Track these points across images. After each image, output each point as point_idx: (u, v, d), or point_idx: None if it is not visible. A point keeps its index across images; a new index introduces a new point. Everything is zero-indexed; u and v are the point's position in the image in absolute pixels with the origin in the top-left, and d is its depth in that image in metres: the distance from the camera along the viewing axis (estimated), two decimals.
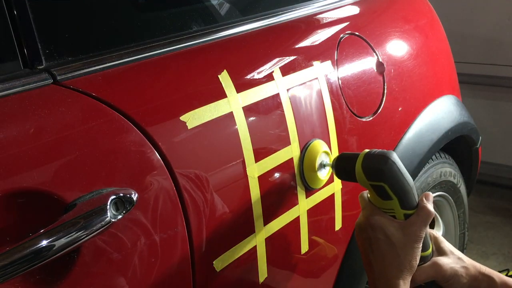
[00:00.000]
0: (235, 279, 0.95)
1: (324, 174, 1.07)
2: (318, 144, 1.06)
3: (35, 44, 0.78)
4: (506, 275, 1.39)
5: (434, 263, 0.92)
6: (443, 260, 0.93)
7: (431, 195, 0.92)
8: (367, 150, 0.93)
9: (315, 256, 1.12)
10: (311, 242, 1.09)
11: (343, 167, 0.97)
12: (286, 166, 1.01)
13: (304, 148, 1.04)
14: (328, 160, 1.07)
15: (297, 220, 1.05)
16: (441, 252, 0.96)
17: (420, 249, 0.89)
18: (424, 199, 0.91)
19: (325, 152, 1.07)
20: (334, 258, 1.18)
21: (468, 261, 0.95)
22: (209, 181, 0.87)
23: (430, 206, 0.90)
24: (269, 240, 0.99)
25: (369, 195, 0.93)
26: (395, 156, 0.90)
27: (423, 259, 0.92)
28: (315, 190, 1.08)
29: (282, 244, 1.03)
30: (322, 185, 1.08)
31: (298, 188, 1.04)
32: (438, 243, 0.97)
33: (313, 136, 1.07)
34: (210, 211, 0.87)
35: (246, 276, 0.97)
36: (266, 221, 0.97)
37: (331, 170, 1.06)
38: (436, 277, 0.92)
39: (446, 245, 0.97)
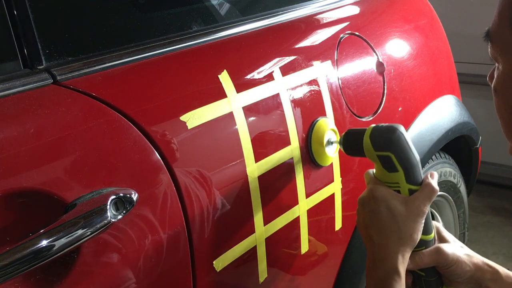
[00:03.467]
0: (235, 279, 0.95)
1: (331, 151, 1.08)
2: (325, 122, 1.07)
3: (35, 44, 0.78)
4: None
5: (437, 247, 0.91)
6: (445, 246, 0.92)
7: (436, 174, 0.91)
8: (374, 124, 0.93)
9: (315, 256, 1.12)
10: (311, 242, 1.09)
11: (350, 141, 0.96)
12: (286, 166, 1.01)
13: (311, 125, 1.05)
14: (335, 137, 1.08)
15: (297, 220, 1.05)
16: (443, 240, 0.95)
17: (422, 224, 0.88)
18: (429, 176, 0.90)
19: (332, 129, 1.08)
20: (334, 258, 1.18)
21: (471, 251, 0.94)
22: (209, 181, 0.87)
23: (434, 183, 0.89)
24: (269, 240, 0.99)
25: (374, 171, 0.93)
26: (403, 129, 0.90)
27: (426, 244, 0.91)
28: (315, 189, 1.08)
29: (282, 244, 1.03)
30: (329, 163, 1.09)
31: (298, 188, 1.04)
32: (440, 233, 0.96)
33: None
34: (210, 211, 0.87)
35: (246, 276, 0.97)
36: (266, 221, 0.97)
37: (338, 147, 1.06)
38: (438, 261, 0.91)
39: (448, 235, 0.96)
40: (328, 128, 1.07)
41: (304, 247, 1.08)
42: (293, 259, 1.07)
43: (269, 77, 1.01)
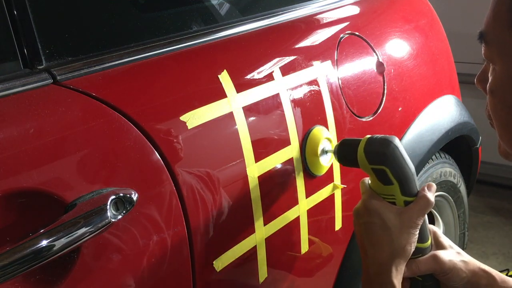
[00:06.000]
0: (235, 279, 0.95)
1: (326, 160, 1.07)
2: (320, 131, 1.06)
3: (35, 44, 0.78)
4: (506, 275, 1.39)
5: (433, 255, 0.92)
6: (442, 253, 0.92)
7: (434, 186, 0.91)
8: (369, 136, 0.92)
9: (315, 256, 1.12)
10: (311, 242, 1.09)
11: (345, 152, 0.96)
12: (286, 166, 1.01)
13: (305, 134, 1.04)
14: (330, 146, 1.07)
15: (297, 220, 1.05)
16: (440, 246, 0.95)
17: (416, 236, 0.88)
18: (426, 188, 0.90)
19: (327, 138, 1.07)
20: (334, 258, 1.18)
21: (467, 257, 0.94)
22: (209, 181, 0.87)
23: (430, 195, 0.88)
24: (269, 240, 0.99)
25: (370, 181, 0.92)
26: (397, 141, 0.89)
27: (422, 251, 0.92)
28: (315, 189, 1.08)
29: (282, 244, 1.03)
30: (324, 171, 1.08)
31: (298, 188, 1.04)
32: (437, 238, 0.96)
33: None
34: (210, 211, 0.87)
35: (246, 276, 0.97)
36: (266, 221, 0.97)
37: (333, 156, 1.05)
38: (435, 269, 0.91)
39: (445, 239, 0.97)
40: (322, 137, 1.06)
41: (304, 247, 1.08)
42: (293, 259, 1.07)
43: (269, 77, 1.01)
